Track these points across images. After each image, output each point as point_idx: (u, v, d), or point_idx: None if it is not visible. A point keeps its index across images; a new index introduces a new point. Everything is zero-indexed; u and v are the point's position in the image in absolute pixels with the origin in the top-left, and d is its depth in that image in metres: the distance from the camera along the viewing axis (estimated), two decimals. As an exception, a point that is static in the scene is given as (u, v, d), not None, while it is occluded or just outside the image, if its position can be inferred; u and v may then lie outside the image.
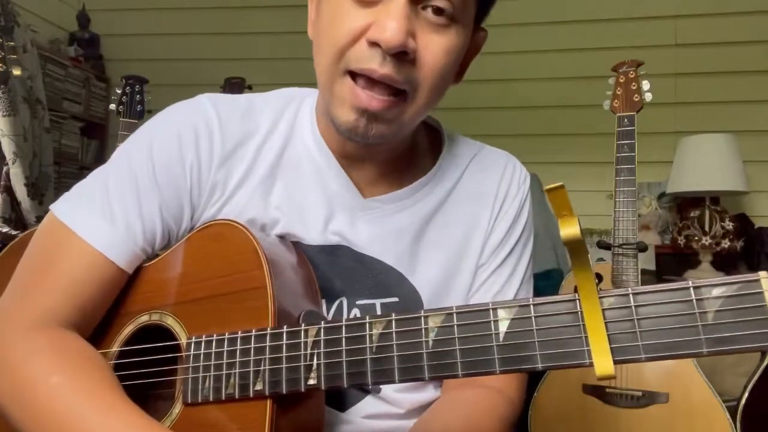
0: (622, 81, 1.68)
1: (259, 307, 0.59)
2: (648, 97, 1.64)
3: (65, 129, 3.15)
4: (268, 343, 0.57)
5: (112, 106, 2.10)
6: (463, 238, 0.75)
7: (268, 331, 0.58)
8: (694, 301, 0.43)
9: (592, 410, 1.55)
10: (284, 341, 0.57)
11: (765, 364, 1.58)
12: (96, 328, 0.67)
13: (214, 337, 0.61)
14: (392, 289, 0.72)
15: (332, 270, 0.71)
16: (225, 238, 0.65)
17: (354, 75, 0.61)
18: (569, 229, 0.43)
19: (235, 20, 3.34)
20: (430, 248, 0.74)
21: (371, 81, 0.60)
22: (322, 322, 0.56)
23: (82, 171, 3.27)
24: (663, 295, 0.44)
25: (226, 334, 0.60)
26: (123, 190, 0.66)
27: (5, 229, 2.05)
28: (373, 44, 0.59)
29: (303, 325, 0.57)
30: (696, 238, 2.42)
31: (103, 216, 0.65)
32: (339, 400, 0.70)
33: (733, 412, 1.49)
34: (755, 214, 2.72)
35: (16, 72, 2.03)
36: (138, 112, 2.08)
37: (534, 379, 1.62)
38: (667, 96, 2.76)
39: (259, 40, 3.31)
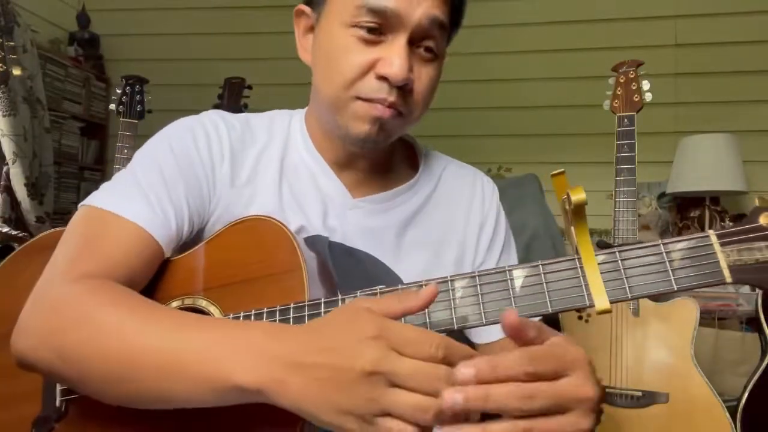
0: (622, 81, 1.68)
1: (293, 286, 0.65)
2: (648, 97, 1.64)
3: (65, 129, 3.15)
4: (306, 313, 0.62)
5: (112, 106, 2.10)
6: (440, 238, 0.85)
7: (307, 302, 0.63)
8: (664, 253, 0.57)
9: (592, 410, 1.55)
10: (323, 309, 0.62)
11: (765, 364, 1.58)
12: None
13: (253, 311, 0.64)
14: (379, 277, 0.79)
15: (331, 265, 0.77)
16: (256, 229, 0.70)
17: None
18: (578, 195, 0.55)
19: (235, 20, 3.34)
20: (412, 245, 0.83)
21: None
22: (358, 292, 0.63)
23: (82, 171, 3.27)
24: (641, 251, 0.58)
25: (264, 308, 0.64)
26: (152, 180, 0.72)
27: (5, 229, 2.05)
28: (382, 78, 0.71)
29: (339, 295, 0.62)
30: (696, 238, 2.42)
31: (141, 199, 0.70)
32: None
33: (733, 412, 1.49)
34: (755, 214, 2.72)
35: (16, 72, 2.03)
36: (138, 112, 2.08)
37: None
38: (667, 96, 2.77)
39: (259, 40, 3.31)
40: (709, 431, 1.45)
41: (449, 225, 0.86)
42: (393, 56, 0.70)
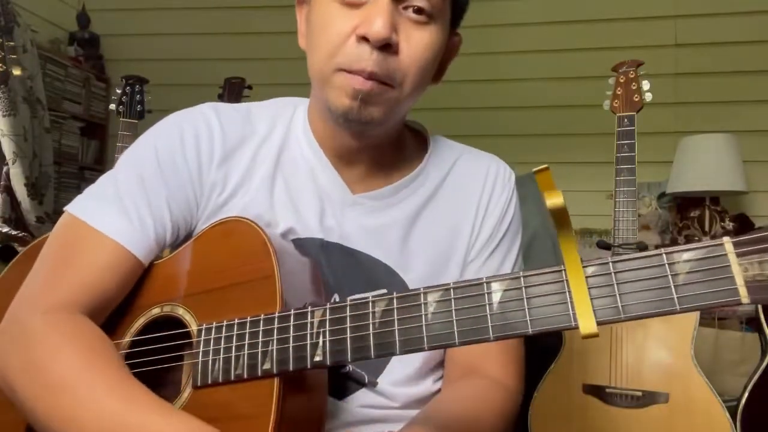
0: (622, 81, 1.68)
1: (267, 294, 0.62)
2: (648, 97, 1.64)
3: (65, 129, 3.15)
4: (276, 326, 0.60)
5: (112, 106, 2.10)
6: (450, 234, 0.80)
7: (276, 314, 0.61)
8: (667, 265, 0.48)
9: (592, 410, 1.55)
10: (291, 323, 0.60)
11: (765, 364, 1.58)
12: (109, 321, 0.69)
13: (224, 323, 0.63)
14: (382, 281, 0.76)
15: (326, 268, 0.75)
16: (235, 233, 0.68)
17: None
18: (554, 200, 0.48)
19: (235, 20, 3.34)
20: (419, 243, 0.78)
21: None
22: (328, 304, 0.60)
23: (82, 171, 3.28)
24: (639, 261, 0.49)
25: (236, 319, 0.63)
26: (132, 187, 0.70)
27: (5, 229, 2.05)
28: (362, 39, 0.65)
29: (309, 307, 0.60)
30: (696, 238, 2.42)
31: (118, 211, 0.69)
32: (338, 389, 0.73)
33: (733, 412, 1.49)
34: (755, 214, 2.72)
35: (16, 72, 2.03)
36: (138, 112, 2.08)
37: (534, 378, 1.62)
38: (667, 96, 2.76)
39: (259, 40, 3.31)
40: (709, 431, 1.45)
41: (461, 218, 0.80)
42: (374, 15, 0.65)
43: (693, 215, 2.48)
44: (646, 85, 1.64)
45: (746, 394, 1.53)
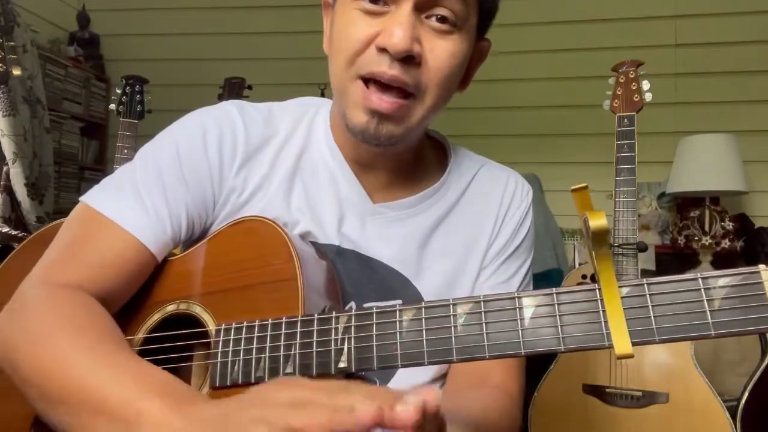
0: (622, 81, 1.68)
1: (288, 297, 0.62)
2: (648, 97, 1.64)
3: (65, 129, 3.15)
4: (299, 329, 0.59)
5: (112, 106, 2.10)
6: (466, 247, 0.79)
7: (299, 318, 0.60)
8: (702, 290, 0.48)
9: (592, 410, 1.56)
10: (315, 327, 0.59)
11: (765, 364, 1.58)
12: (122, 316, 0.69)
13: (245, 324, 0.62)
14: (396, 291, 0.75)
15: (343, 274, 0.74)
16: (255, 232, 0.67)
17: (366, 80, 0.66)
18: (598, 221, 0.48)
19: (235, 20, 3.34)
20: (435, 255, 0.77)
21: (382, 86, 0.65)
22: (353, 310, 0.59)
23: (82, 171, 3.28)
24: (674, 285, 0.49)
25: (257, 321, 0.62)
26: (150, 181, 0.70)
27: (5, 229, 2.05)
28: (382, 50, 0.64)
29: (333, 312, 0.59)
30: (696, 238, 2.42)
31: (135, 203, 0.68)
32: None
33: (733, 412, 1.49)
34: (755, 214, 2.72)
35: (16, 72, 2.03)
36: (138, 112, 2.08)
37: (534, 378, 1.62)
38: (667, 96, 2.76)
39: (259, 40, 3.31)
40: (709, 431, 1.45)
41: (477, 231, 0.80)
42: (394, 26, 0.63)
43: (693, 215, 2.47)
44: (646, 85, 1.65)
45: (746, 394, 1.53)
